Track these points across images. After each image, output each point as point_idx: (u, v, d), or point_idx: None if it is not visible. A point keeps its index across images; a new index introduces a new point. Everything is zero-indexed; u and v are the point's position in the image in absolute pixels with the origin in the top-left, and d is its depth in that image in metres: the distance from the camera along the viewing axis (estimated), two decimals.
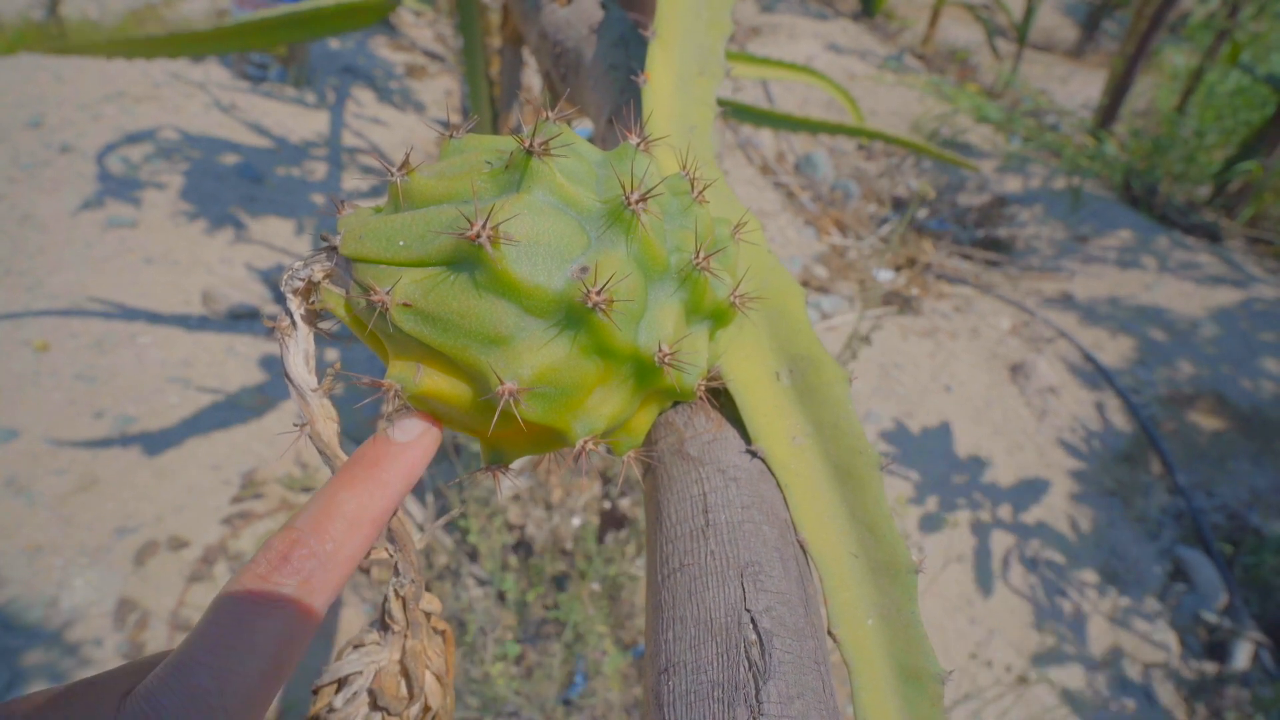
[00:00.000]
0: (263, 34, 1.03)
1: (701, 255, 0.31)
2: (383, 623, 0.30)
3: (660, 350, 0.30)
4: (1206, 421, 2.28)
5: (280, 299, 0.31)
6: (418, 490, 1.66)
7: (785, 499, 0.35)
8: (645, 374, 0.31)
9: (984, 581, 1.79)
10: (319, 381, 0.31)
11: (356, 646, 0.30)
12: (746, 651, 0.27)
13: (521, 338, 0.27)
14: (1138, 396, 2.35)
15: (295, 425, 0.30)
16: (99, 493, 1.55)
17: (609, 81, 0.54)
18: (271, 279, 2.15)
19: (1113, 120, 3.70)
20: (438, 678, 0.30)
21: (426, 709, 0.30)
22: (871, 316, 2.50)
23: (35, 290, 1.92)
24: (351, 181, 2.65)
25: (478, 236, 0.26)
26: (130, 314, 1.93)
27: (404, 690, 0.29)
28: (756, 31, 4.45)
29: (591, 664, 1.38)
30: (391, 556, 0.30)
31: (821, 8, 5.16)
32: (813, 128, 1.16)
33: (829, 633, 0.32)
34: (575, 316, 0.28)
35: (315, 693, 0.29)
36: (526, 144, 0.28)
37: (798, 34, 4.50)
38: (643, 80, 0.43)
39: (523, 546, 1.62)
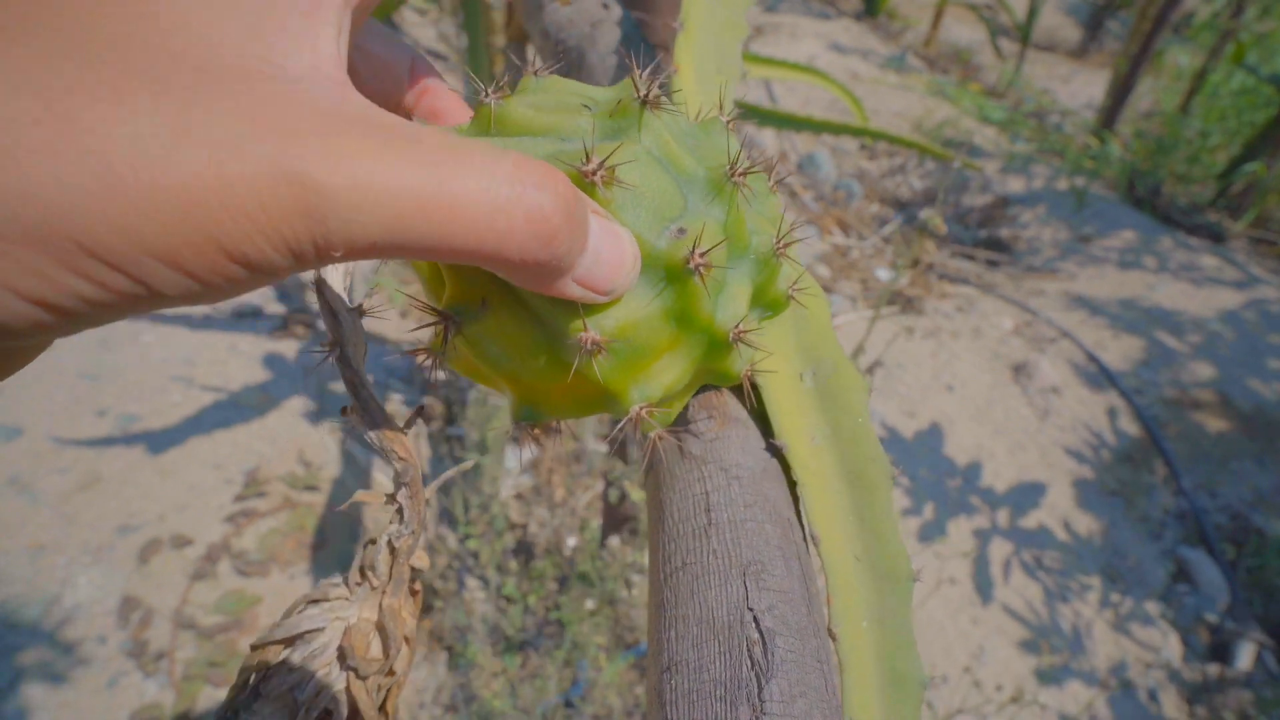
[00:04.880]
0: None
1: (782, 241, 0.31)
2: (360, 575, 0.27)
3: (737, 327, 0.30)
4: (1210, 422, 2.28)
5: None
6: None
7: (800, 496, 0.35)
8: (709, 349, 0.30)
9: (984, 584, 1.79)
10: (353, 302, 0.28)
11: (316, 601, 0.27)
12: (749, 650, 0.27)
13: None
14: (1141, 397, 2.34)
15: (321, 347, 0.27)
16: (102, 491, 1.55)
17: (609, 82, 0.54)
18: None
19: (1116, 120, 3.69)
20: (407, 640, 0.28)
21: (390, 673, 0.27)
22: (881, 314, 2.50)
23: None
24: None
25: (594, 173, 0.25)
26: None
27: (376, 652, 0.26)
28: (759, 31, 4.45)
29: (590, 679, 1.38)
30: (396, 501, 0.28)
31: (824, 7, 5.16)
32: (815, 127, 1.16)
33: (829, 631, 0.32)
34: (671, 277, 0.27)
35: (254, 650, 0.25)
36: (642, 93, 0.27)
37: (800, 33, 4.50)
38: (673, 71, 0.43)
39: (523, 548, 1.62)
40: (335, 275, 0.27)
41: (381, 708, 0.26)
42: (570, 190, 0.21)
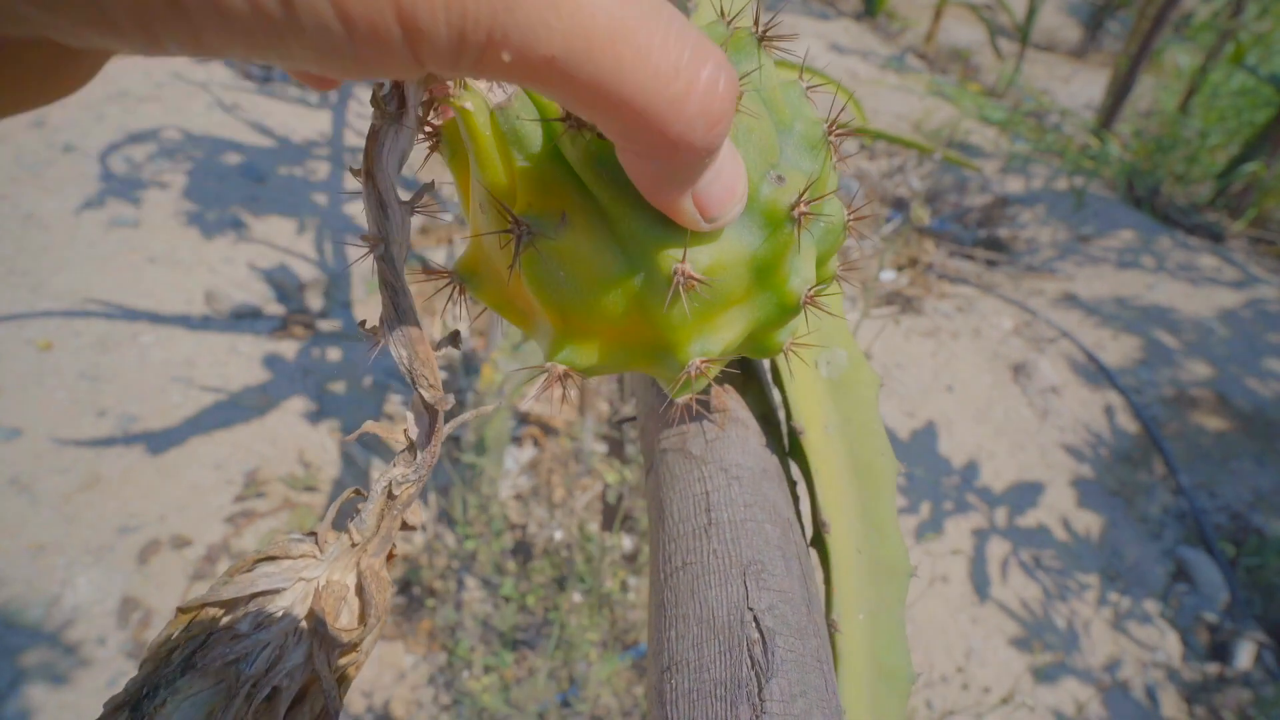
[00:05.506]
0: None
1: (853, 213, 0.30)
2: (343, 529, 0.23)
3: (809, 291, 0.28)
4: (1209, 422, 2.28)
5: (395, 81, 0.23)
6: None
7: (812, 483, 0.35)
8: (772, 312, 0.29)
9: (981, 583, 1.79)
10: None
11: (271, 558, 0.22)
12: (749, 650, 0.27)
13: None
14: (1140, 397, 2.35)
15: (361, 240, 0.23)
16: (102, 491, 1.55)
17: None
18: (275, 278, 2.16)
19: (1115, 120, 3.69)
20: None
21: (355, 648, 0.22)
22: (875, 315, 2.50)
23: (38, 290, 1.92)
24: (354, 181, 2.65)
25: None
26: (133, 314, 1.94)
27: (346, 621, 0.22)
28: None
29: (580, 674, 1.38)
30: (410, 441, 0.24)
31: (824, 7, 5.16)
32: None
33: (831, 622, 0.32)
34: (769, 223, 0.25)
35: (182, 613, 0.21)
36: (759, 31, 0.26)
37: (799, 33, 4.49)
38: None
39: (522, 549, 1.62)
40: (391, 162, 0.24)
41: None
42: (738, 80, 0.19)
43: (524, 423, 1.90)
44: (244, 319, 2.02)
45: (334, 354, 1.97)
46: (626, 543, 1.61)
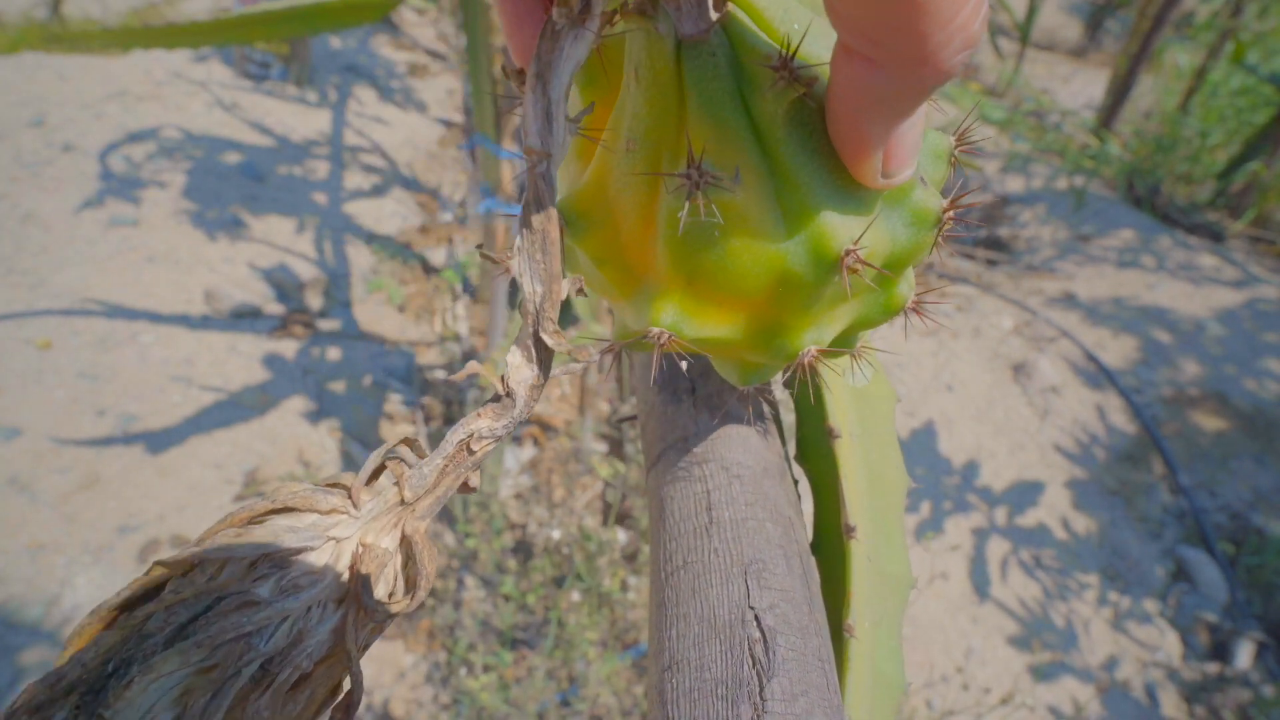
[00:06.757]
0: (264, 27, 1.03)
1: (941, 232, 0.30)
2: (392, 484, 0.20)
3: (914, 297, 0.27)
4: (1209, 421, 2.28)
5: None
6: None
7: (839, 486, 0.35)
8: (873, 311, 0.28)
9: (981, 583, 1.79)
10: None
11: (292, 510, 0.18)
12: (750, 649, 0.27)
13: (874, 207, 0.24)
14: (1140, 396, 2.35)
15: (524, 153, 0.21)
16: (101, 491, 1.55)
17: None
18: (274, 278, 2.16)
19: (1115, 120, 3.69)
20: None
21: (383, 625, 0.19)
22: None
23: (38, 289, 1.92)
24: (354, 180, 2.65)
25: None
26: (132, 313, 1.93)
27: (384, 592, 0.19)
28: None
29: (579, 673, 1.38)
30: (507, 389, 0.21)
31: None
32: None
33: (847, 628, 0.33)
34: (915, 222, 0.25)
35: (163, 565, 0.17)
36: None
37: None
38: None
39: (522, 548, 1.62)
40: (565, 70, 0.21)
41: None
42: None
43: (524, 422, 1.90)
44: (244, 318, 2.02)
45: (334, 353, 1.97)
46: (621, 536, 1.61)
